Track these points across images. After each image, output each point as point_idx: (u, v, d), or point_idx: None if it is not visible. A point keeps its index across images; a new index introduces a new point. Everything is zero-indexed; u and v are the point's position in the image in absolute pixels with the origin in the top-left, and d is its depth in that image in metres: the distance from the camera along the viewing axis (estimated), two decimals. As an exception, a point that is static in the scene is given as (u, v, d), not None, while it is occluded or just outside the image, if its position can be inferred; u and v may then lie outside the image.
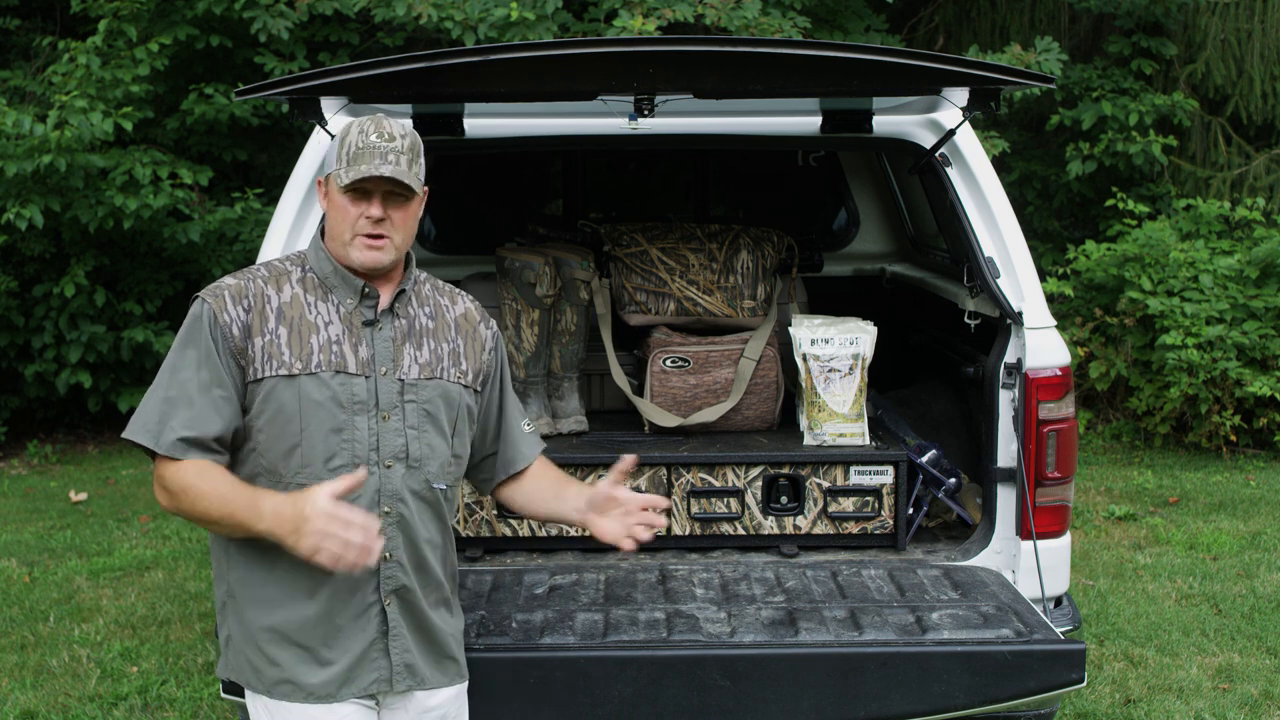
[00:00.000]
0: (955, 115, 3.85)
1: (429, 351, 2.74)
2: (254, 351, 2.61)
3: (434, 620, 2.75)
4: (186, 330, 2.62)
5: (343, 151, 2.63)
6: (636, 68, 3.37)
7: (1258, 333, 8.01)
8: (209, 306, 2.62)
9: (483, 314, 2.90)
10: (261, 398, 2.61)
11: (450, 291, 2.89)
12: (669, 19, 7.77)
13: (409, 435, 2.69)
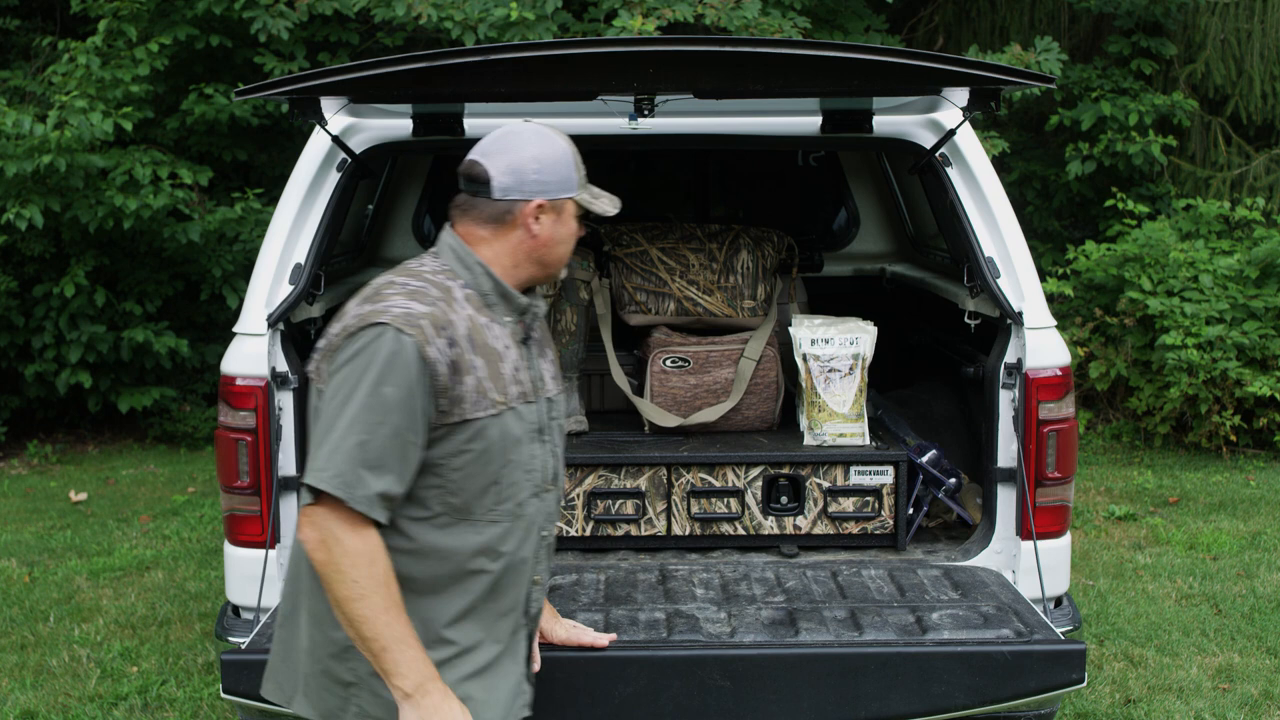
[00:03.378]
0: (955, 115, 3.86)
1: (551, 363, 2.66)
2: (463, 391, 2.39)
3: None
4: (383, 366, 2.31)
5: (579, 174, 2.57)
6: (636, 68, 3.37)
7: (1258, 333, 8.01)
8: (411, 340, 2.33)
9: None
10: (466, 438, 2.40)
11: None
12: (669, 19, 7.77)
13: (557, 455, 2.61)
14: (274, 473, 3.67)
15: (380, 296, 2.41)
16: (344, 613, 2.31)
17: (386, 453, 2.31)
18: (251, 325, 3.74)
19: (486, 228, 2.51)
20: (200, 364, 9.15)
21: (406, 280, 2.45)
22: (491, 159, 2.51)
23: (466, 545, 2.44)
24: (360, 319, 2.37)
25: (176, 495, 7.69)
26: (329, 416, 2.34)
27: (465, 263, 2.50)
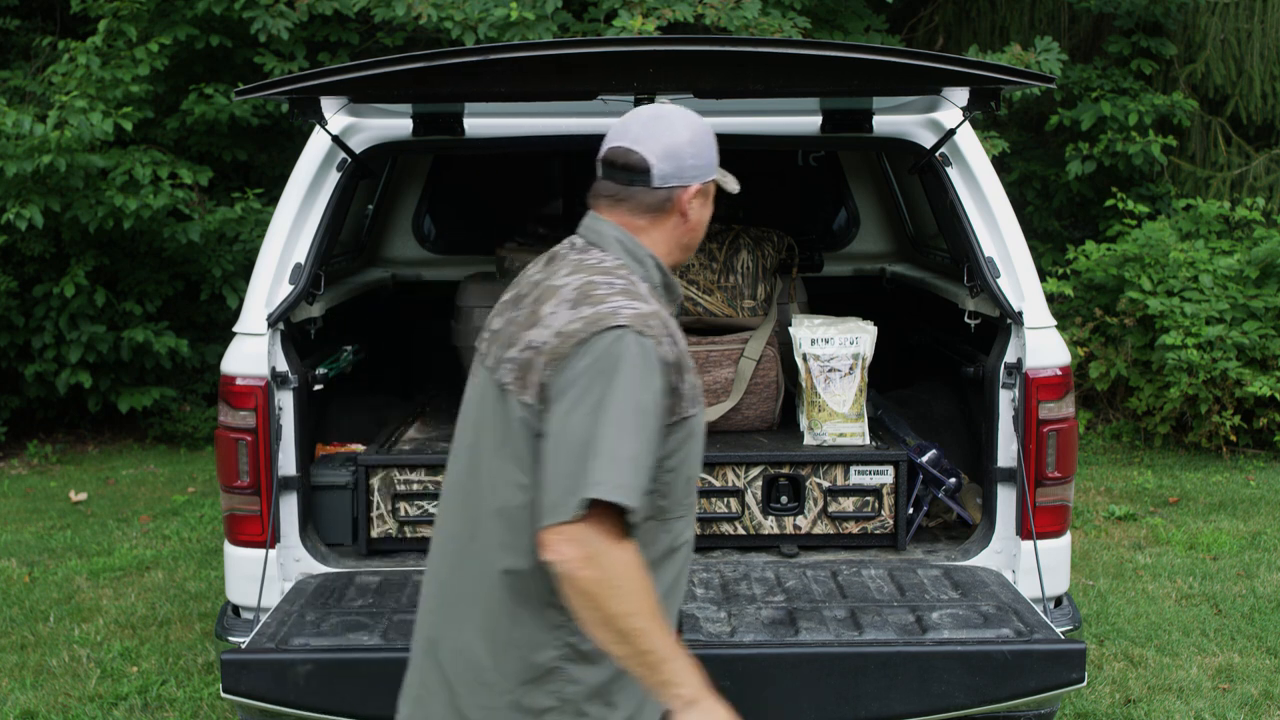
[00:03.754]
0: (955, 115, 3.86)
1: None
2: (685, 388, 2.31)
3: None
4: (633, 371, 2.20)
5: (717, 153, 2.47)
6: (636, 68, 3.37)
7: (1258, 333, 8.00)
8: (651, 342, 2.23)
9: None
10: (683, 436, 2.31)
11: None
12: (669, 19, 7.77)
13: None
14: (274, 473, 3.67)
15: (597, 298, 2.28)
16: (618, 629, 2.14)
17: (650, 460, 2.21)
18: (251, 325, 3.74)
19: (644, 217, 2.42)
20: (200, 364, 9.15)
21: (609, 279, 2.33)
22: (646, 145, 2.39)
23: (660, 545, 2.34)
24: (591, 323, 2.23)
25: (176, 495, 7.69)
26: (581, 428, 2.17)
27: (637, 256, 2.41)
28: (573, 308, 2.28)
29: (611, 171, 2.44)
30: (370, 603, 3.50)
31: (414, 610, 3.41)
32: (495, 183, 5.73)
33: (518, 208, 5.74)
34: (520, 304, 2.41)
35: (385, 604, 3.48)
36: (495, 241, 4.55)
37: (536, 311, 2.33)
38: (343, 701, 3.12)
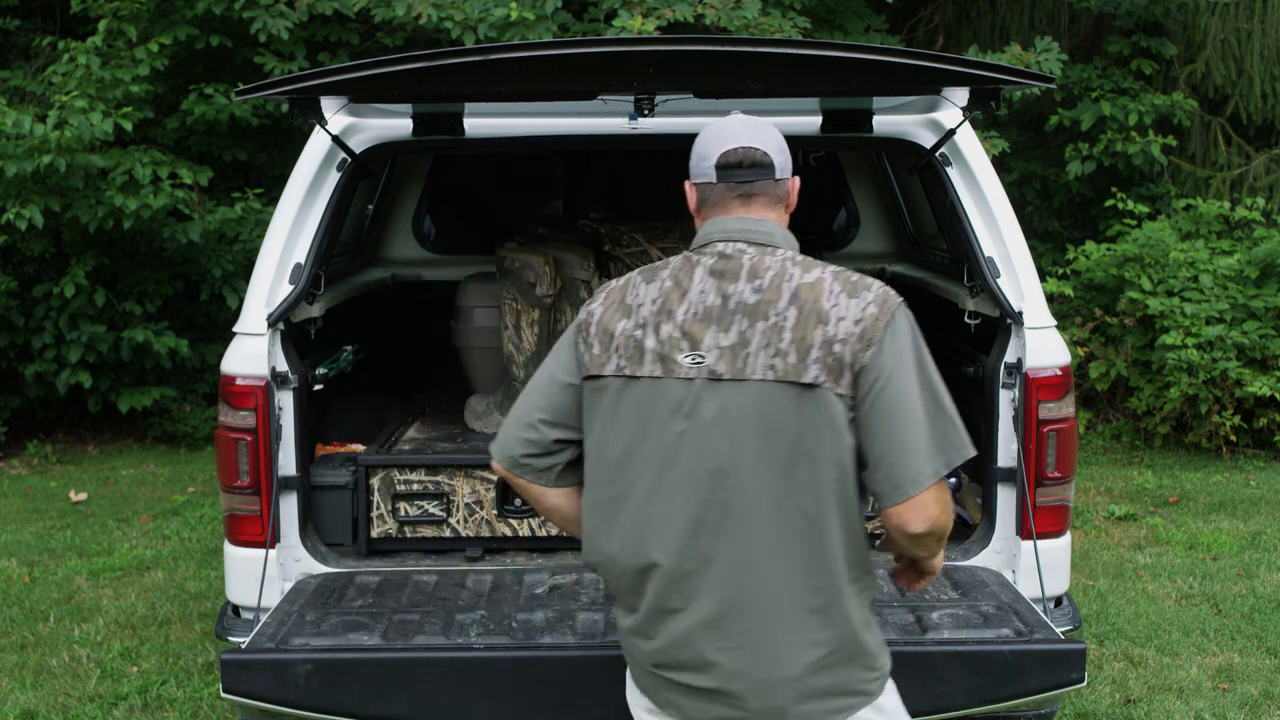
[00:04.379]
0: (955, 115, 3.86)
1: None
2: None
3: None
4: (921, 339, 2.45)
5: None
6: (636, 68, 3.37)
7: (1258, 333, 8.00)
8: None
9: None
10: None
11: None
12: (669, 19, 7.77)
13: None
14: (274, 473, 3.67)
15: (862, 284, 2.45)
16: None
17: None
18: (251, 325, 3.74)
19: (775, 209, 2.58)
20: (200, 364, 9.15)
21: (822, 262, 2.53)
22: (762, 143, 2.55)
23: None
24: (883, 305, 2.40)
25: (176, 495, 7.69)
26: (921, 401, 2.36)
27: (791, 244, 2.57)
28: (852, 296, 2.41)
29: (737, 171, 2.54)
30: (370, 603, 3.50)
31: (413, 610, 3.42)
32: (495, 183, 5.73)
33: (518, 208, 5.74)
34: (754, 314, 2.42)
35: (385, 604, 3.48)
36: (495, 241, 4.55)
37: (791, 313, 2.39)
38: (343, 701, 3.12)
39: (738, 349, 2.40)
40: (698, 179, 2.58)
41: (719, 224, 2.55)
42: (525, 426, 2.59)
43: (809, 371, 2.36)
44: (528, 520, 3.89)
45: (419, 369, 5.38)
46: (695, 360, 2.42)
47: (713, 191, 2.56)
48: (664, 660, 2.47)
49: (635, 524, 2.46)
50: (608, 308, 2.55)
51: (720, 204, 2.56)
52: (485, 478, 3.89)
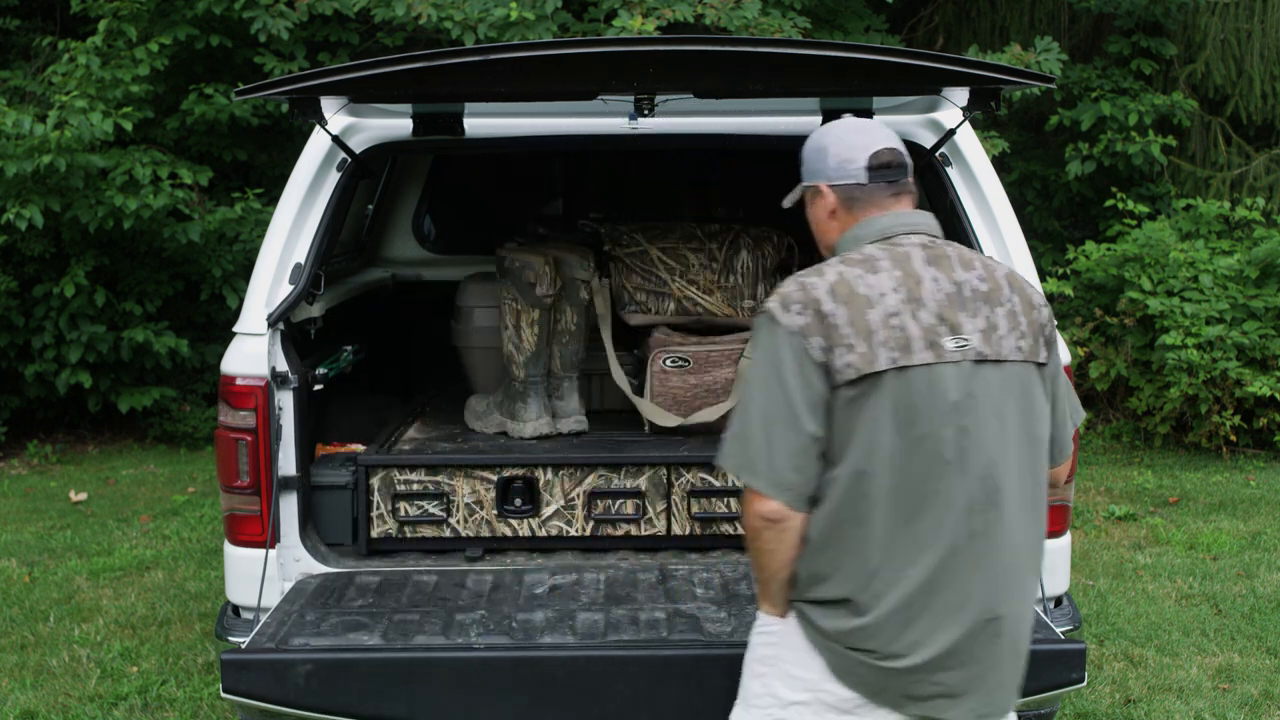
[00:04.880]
0: (955, 115, 3.86)
1: None
2: None
3: None
4: None
5: None
6: (636, 68, 3.37)
7: (1258, 333, 8.01)
8: None
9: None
10: None
11: None
12: (669, 19, 7.77)
13: None
14: (274, 473, 3.67)
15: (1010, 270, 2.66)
16: None
17: None
18: (251, 325, 3.74)
19: (915, 204, 2.73)
20: (200, 364, 9.15)
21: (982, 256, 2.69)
22: (899, 145, 2.70)
23: None
24: (1038, 289, 2.71)
25: (176, 495, 7.69)
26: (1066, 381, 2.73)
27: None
28: (1024, 280, 2.66)
29: (887, 171, 2.66)
30: (370, 603, 3.50)
31: (413, 610, 3.42)
32: (495, 183, 5.73)
33: (518, 208, 5.74)
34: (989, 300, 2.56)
35: (385, 604, 3.48)
36: (495, 241, 4.55)
37: (1015, 298, 2.58)
38: (343, 701, 3.12)
39: (989, 333, 2.51)
40: (846, 179, 2.65)
41: (888, 220, 2.63)
42: (794, 453, 2.47)
43: (1041, 352, 2.58)
44: (528, 520, 3.89)
45: (419, 369, 5.38)
46: (960, 343, 2.49)
47: (864, 191, 2.64)
48: (935, 664, 2.51)
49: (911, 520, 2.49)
50: (843, 304, 2.48)
51: (876, 202, 2.65)
52: (485, 478, 3.89)
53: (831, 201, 2.67)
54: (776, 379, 2.48)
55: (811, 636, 2.57)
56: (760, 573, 2.61)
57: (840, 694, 2.55)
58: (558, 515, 3.89)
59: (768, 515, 2.50)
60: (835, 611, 2.53)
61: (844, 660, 2.53)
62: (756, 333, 2.57)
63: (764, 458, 2.48)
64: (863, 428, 2.46)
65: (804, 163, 2.74)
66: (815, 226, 2.74)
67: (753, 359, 2.56)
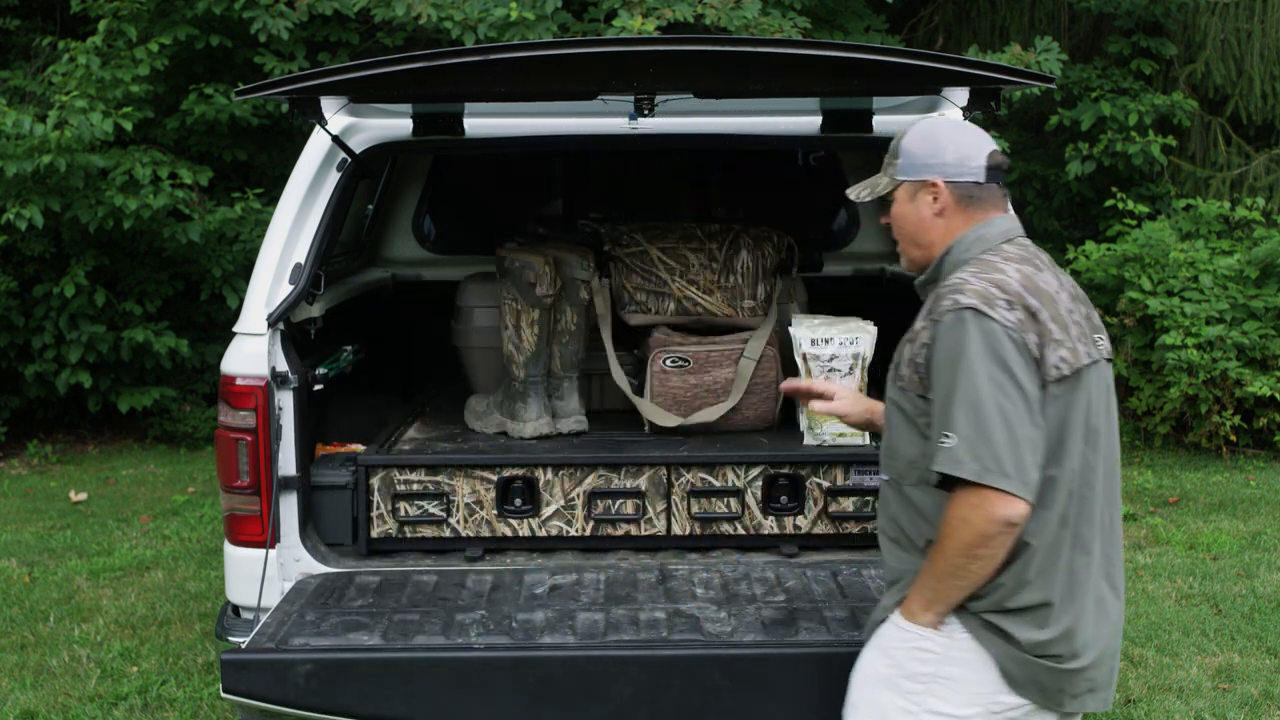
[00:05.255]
0: (955, 115, 3.86)
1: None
2: None
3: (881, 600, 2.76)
4: None
5: None
6: (636, 68, 3.37)
7: (1258, 333, 8.01)
8: None
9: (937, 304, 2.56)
10: None
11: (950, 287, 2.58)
12: (669, 19, 7.77)
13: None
14: (274, 473, 3.67)
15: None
16: None
17: None
18: (251, 325, 3.74)
19: None
20: (200, 364, 9.15)
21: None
22: None
23: None
24: None
25: (176, 495, 7.69)
26: None
27: None
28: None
29: (1000, 174, 2.68)
30: (370, 603, 3.50)
31: (413, 610, 3.42)
32: (495, 183, 5.73)
33: (518, 208, 5.73)
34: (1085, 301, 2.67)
35: (385, 604, 3.48)
36: (495, 241, 4.55)
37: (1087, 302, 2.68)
38: (343, 701, 3.12)
39: (1099, 331, 2.63)
40: (965, 177, 2.64)
41: (1009, 222, 2.68)
42: (1035, 450, 2.45)
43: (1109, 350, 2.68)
44: (528, 520, 3.89)
45: (419, 369, 5.38)
46: (1100, 341, 2.61)
47: (984, 190, 2.64)
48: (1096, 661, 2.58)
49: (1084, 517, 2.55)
50: (1042, 301, 2.51)
51: (995, 203, 2.67)
52: (485, 478, 3.89)
53: (946, 199, 2.64)
54: (1007, 374, 2.42)
55: (992, 646, 2.51)
56: (963, 581, 2.49)
57: (1010, 702, 2.54)
58: (558, 515, 3.89)
59: (1014, 518, 2.41)
60: (1033, 617, 2.50)
61: (1026, 668, 2.51)
62: (958, 329, 2.46)
63: (1011, 458, 2.40)
64: (1068, 424, 2.49)
65: (904, 155, 2.70)
66: (909, 223, 2.71)
67: (965, 356, 2.44)
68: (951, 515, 2.46)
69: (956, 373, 2.45)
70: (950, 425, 2.44)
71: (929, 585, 2.54)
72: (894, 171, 2.72)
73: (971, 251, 2.62)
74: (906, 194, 2.70)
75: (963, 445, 2.41)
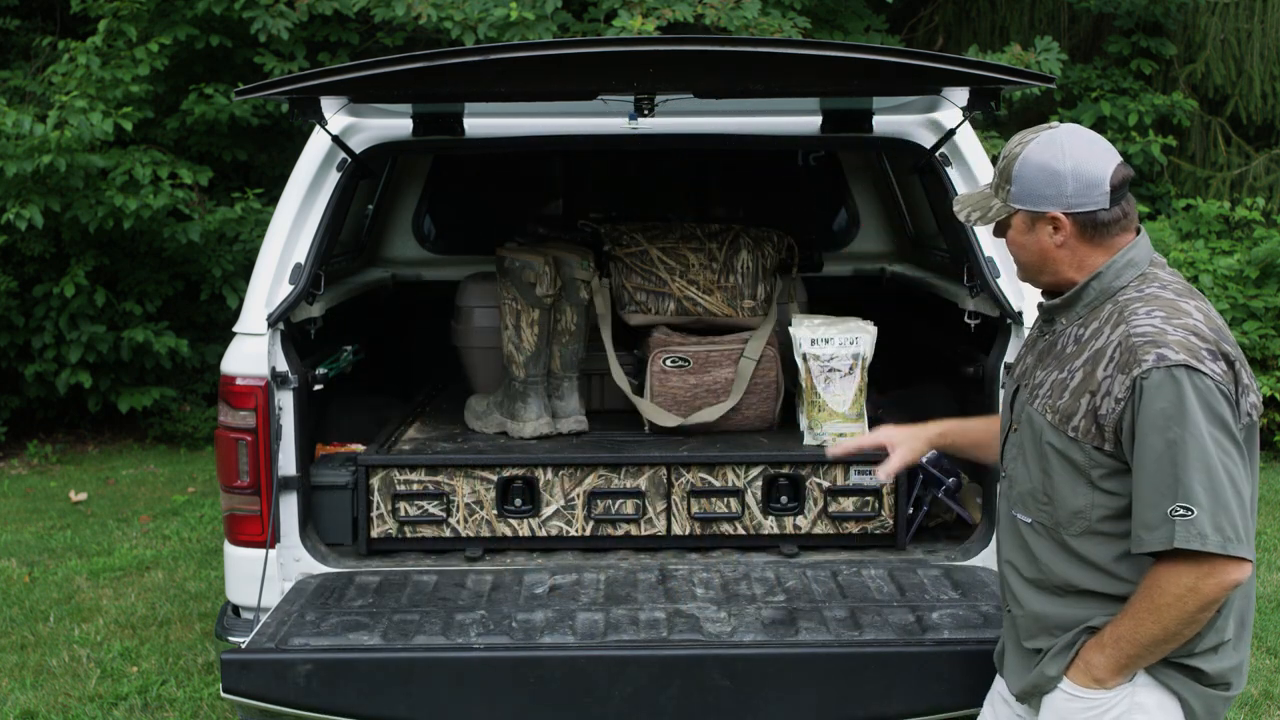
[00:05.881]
0: (955, 115, 3.86)
1: (1049, 377, 2.57)
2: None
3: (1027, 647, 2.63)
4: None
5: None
6: (636, 68, 3.37)
7: (1258, 333, 8.01)
8: None
9: (1134, 357, 2.37)
10: None
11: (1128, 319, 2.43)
12: (669, 19, 7.77)
13: (1013, 449, 2.67)
14: (274, 473, 3.68)
15: None
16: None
17: None
18: (251, 325, 3.74)
19: None
20: (200, 364, 9.15)
21: None
22: None
23: None
24: None
25: (176, 495, 7.69)
26: None
27: None
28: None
29: (1128, 187, 2.55)
30: (370, 603, 3.50)
31: (413, 610, 3.42)
32: (495, 183, 5.73)
33: (518, 208, 5.74)
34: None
35: (385, 604, 3.48)
36: (495, 241, 4.55)
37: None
38: (343, 701, 3.12)
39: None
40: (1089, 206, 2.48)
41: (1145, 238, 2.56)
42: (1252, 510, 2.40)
43: None
44: (528, 520, 3.89)
45: (419, 369, 5.38)
46: None
47: (1109, 215, 2.50)
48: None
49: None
50: (1229, 344, 2.41)
51: (1127, 224, 2.53)
52: (485, 478, 3.89)
53: (1069, 231, 2.50)
54: (1226, 434, 2.34)
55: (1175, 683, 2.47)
56: (1173, 644, 2.42)
57: None
58: (558, 515, 3.89)
59: (1243, 581, 2.36)
60: (1212, 657, 2.47)
61: (1208, 702, 2.49)
62: (1172, 390, 2.33)
63: (1241, 523, 2.33)
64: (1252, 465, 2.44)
65: (1017, 182, 2.52)
66: (1031, 254, 2.57)
67: (1188, 420, 2.32)
68: (1175, 585, 2.35)
69: (1181, 437, 2.32)
70: (1188, 497, 2.31)
71: (1127, 652, 2.44)
72: (1007, 197, 2.55)
73: (1124, 278, 2.50)
74: (1024, 222, 2.54)
75: (1205, 517, 2.30)
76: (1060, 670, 2.54)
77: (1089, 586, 2.50)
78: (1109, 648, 2.46)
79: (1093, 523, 2.48)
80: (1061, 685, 2.54)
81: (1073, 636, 2.53)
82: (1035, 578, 2.60)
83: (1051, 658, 2.56)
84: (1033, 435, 2.58)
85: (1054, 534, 2.55)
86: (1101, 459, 2.44)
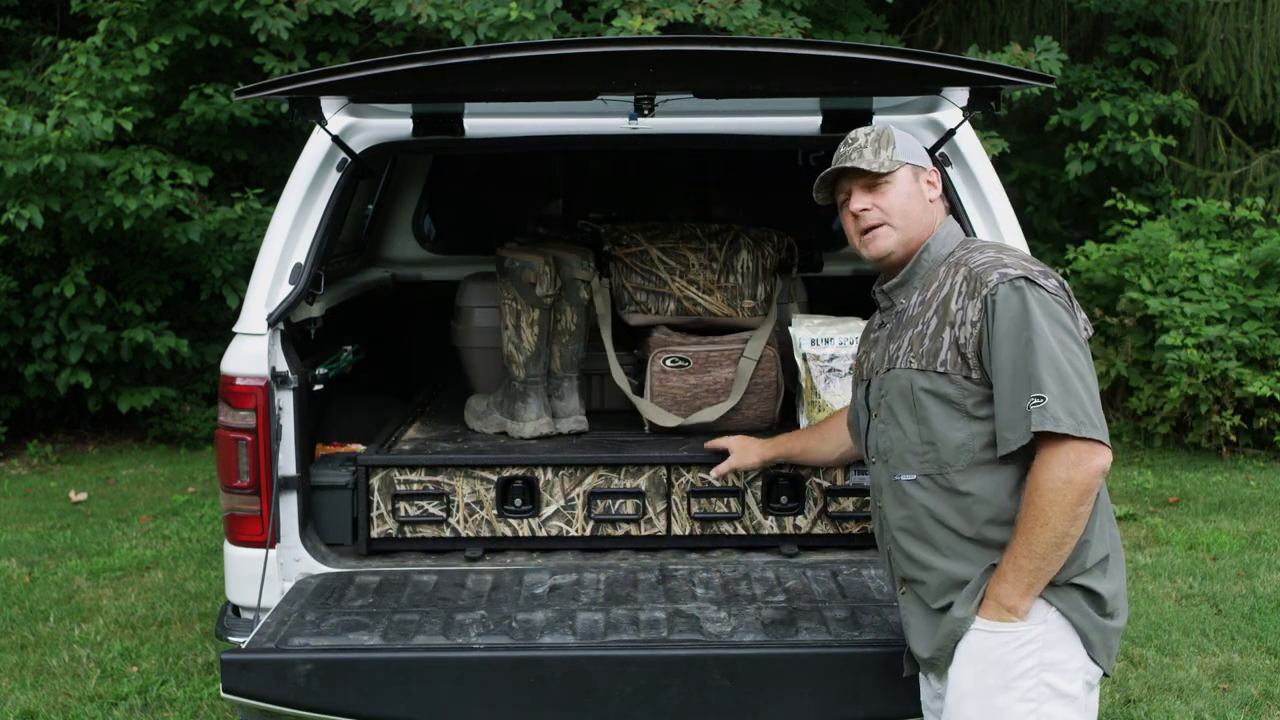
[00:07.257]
0: (955, 115, 3.86)
1: (902, 341, 2.75)
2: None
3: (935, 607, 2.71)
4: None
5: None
6: (636, 68, 3.36)
7: (1258, 333, 8.01)
8: None
9: (980, 281, 2.62)
10: None
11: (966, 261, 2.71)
12: (669, 19, 7.78)
13: (878, 430, 2.80)
14: (274, 473, 3.67)
15: None
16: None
17: None
18: (251, 325, 3.74)
19: None
20: (200, 364, 9.15)
21: None
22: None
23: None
24: None
25: (176, 495, 7.69)
26: None
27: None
28: None
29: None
30: (370, 603, 3.50)
31: (413, 610, 3.42)
32: (495, 183, 5.73)
33: (518, 208, 5.74)
34: None
35: (385, 604, 3.48)
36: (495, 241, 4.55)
37: None
38: (343, 701, 3.12)
39: None
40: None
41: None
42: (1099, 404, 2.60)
43: None
44: (528, 520, 3.89)
45: (419, 369, 5.38)
46: None
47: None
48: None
49: None
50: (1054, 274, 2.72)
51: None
52: (485, 478, 3.89)
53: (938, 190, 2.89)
54: (1070, 335, 2.56)
55: (1077, 615, 2.56)
56: (1064, 549, 2.51)
57: (1093, 671, 2.60)
58: (558, 515, 3.89)
59: (1107, 468, 2.51)
60: (1101, 576, 2.57)
61: (1104, 634, 2.59)
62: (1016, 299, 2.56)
63: (1092, 410, 2.50)
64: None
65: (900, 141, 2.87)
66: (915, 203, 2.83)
67: (1032, 322, 2.54)
68: (1049, 480, 2.48)
69: (1030, 338, 2.52)
70: (1039, 387, 2.49)
71: (1027, 568, 2.53)
72: (894, 153, 2.80)
73: (948, 246, 2.78)
74: (910, 176, 2.82)
75: (1056, 403, 2.47)
76: (970, 610, 2.63)
77: (990, 517, 2.61)
78: (1010, 573, 2.56)
79: (976, 453, 2.62)
80: (975, 624, 2.62)
81: (979, 579, 2.63)
82: (926, 537, 2.70)
83: (960, 603, 2.65)
84: (901, 395, 2.71)
85: (940, 480, 2.66)
86: (972, 388, 2.62)
